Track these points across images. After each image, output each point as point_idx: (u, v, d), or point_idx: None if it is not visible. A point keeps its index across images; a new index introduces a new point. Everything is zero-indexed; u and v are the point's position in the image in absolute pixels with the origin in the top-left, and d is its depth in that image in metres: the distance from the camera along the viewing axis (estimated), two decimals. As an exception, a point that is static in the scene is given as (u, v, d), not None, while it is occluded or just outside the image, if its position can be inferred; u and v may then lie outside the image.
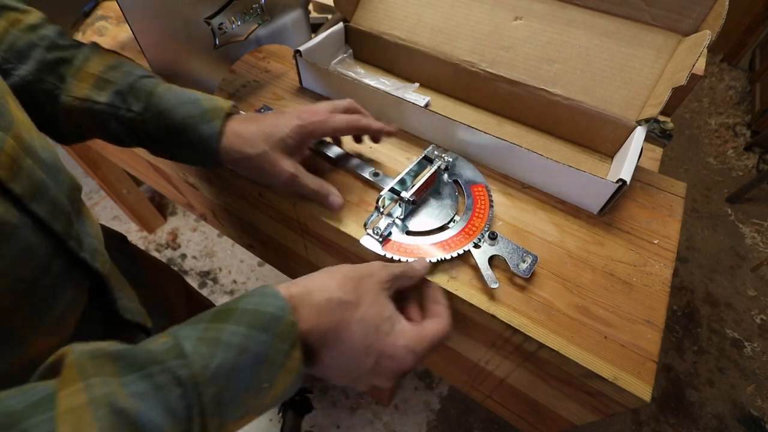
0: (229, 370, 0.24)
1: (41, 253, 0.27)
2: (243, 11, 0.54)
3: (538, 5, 0.54)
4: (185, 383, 0.23)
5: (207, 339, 0.25)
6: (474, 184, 0.47)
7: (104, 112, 0.39)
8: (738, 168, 1.91)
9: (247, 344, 0.25)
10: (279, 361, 0.26)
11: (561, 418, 0.49)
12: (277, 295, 0.28)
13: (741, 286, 1.52)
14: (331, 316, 0.29)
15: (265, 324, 0.26)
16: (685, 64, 0.44)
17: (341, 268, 0.32)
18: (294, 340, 0.27)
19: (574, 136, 0.56)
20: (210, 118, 0.40)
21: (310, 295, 0.29)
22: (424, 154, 0.47)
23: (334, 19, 0.65)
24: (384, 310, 0.32)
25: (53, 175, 0.29)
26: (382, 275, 0.33)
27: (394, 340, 0.31)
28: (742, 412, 1.25)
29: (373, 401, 1.23)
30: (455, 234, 0.43)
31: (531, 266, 0.40)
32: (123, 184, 1.33)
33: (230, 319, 0.26)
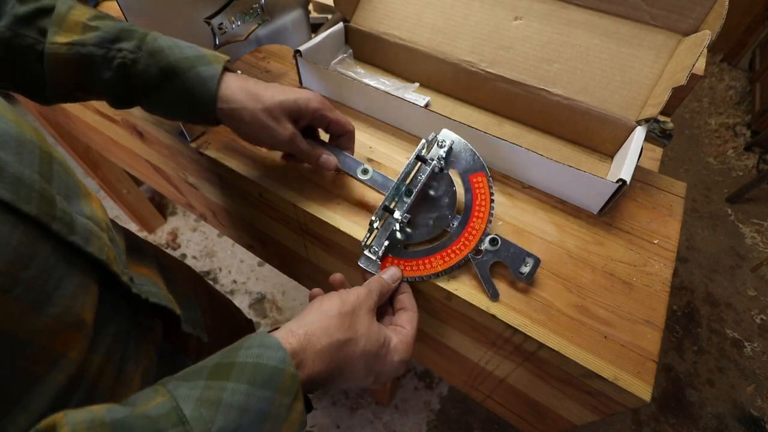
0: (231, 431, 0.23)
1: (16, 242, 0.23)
2: (243, 11, 0.54)
3: (538, 5, 0.54)
4: None
5: (207, 400, 0.24)
6: (472, 173, 0.43)
7: (92, 55, 0.36)
8: (738, 168, 1.91)
9: (248, 403, 0.24)
10: (282, 416, 0.26)
11: (561, 418, 0.49)
12: (278, 347, 0.27)
13: (741, 286, 1.52)
14: (335, 358, 0.30)
15: (266, 379, 0.26)
16: (685, 64, 0.44)
17: (333, 306, 0.33)
18: (296, 392, 0.27)
19: (574, 136, 0.56)
20: (208, 61, 0.38)
21: (311, 343, 0.29)
22: (416, 154, 0.43)
23: (334, 19, 0.65)
24: (379, 337, 0.33)
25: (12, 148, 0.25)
26: (369, 303, 0.35)
27: (390, 359, 0.34)
28: (742, 412, 1.25)
29: (373, 401, 1.23)
30: (455, 242, 0.41)
31: (533, 270, 0.39)
32: (123, 184, 1.33)
33: (230, 376, 0.25)
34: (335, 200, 0.48)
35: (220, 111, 0.39)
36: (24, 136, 0.26)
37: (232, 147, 0.53)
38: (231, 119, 0.40)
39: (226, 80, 0.39)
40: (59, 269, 0.26)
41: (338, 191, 0.49)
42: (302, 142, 0.42)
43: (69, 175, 0.30)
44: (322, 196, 0.48)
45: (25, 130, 0.27)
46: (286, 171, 0.51)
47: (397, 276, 0.40)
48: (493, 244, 0.40)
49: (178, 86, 0.37)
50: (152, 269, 0.43)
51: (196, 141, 0.54)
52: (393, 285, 0.39)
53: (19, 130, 0.26)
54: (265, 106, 0.39)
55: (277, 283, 1.46)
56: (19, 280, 0.23)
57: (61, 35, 0.35)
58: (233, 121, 0.40)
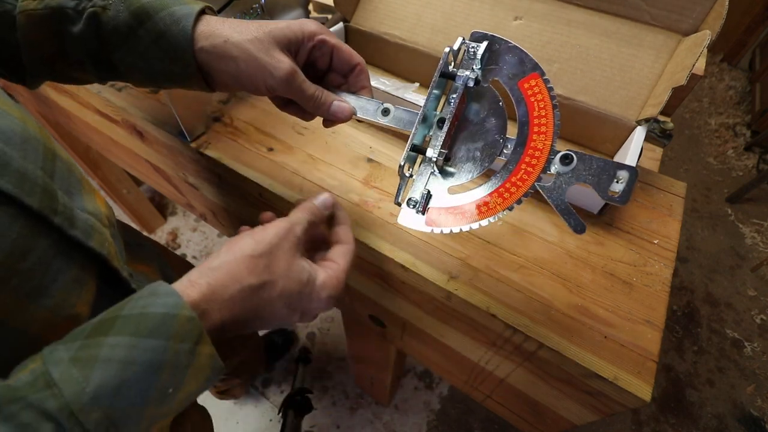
0: (114, 388, 0.21)
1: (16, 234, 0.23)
2: (243, 11, 0.54)
3: (538, 5, 0.54)
4: (55, 416, 0.20)
5: (81, 359, 0.22)
6: (522, 77, 0.32)
7: (63, 8, 0.33)
8: (738, 168, 1.91)
9: (132, 355, 0.22)
10: (182, 363, 0.24)
11: (561, 418, 0.49)
12: (170, 292, 0.25)
13: (741, 286, 1.52)
14: (249, 303, 0.28)
15: (153, 328, 0.23)
16: (685, 64, 0.44)
17: (245, 248, 0.29)
18: (197, 337, 0.24)
19: (574, 136, 0.56)
20: (184, 1, 0.34)
21: (216, 293, 0.27)
22: (440, 70, 0.33)
23: (334, 19, 0.65)
24: (301, 275, 0.31)
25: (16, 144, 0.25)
26: (291, 240, 0.31)
27: (317, 296, 0.32)
28: (742, 412, 1.25)
29: (373, 401, 1.23)
30: (514, 171, 0.31)
31: (629, 186, 0.28)
32: (123, 184, 1.33)
33: (110, 330, 0.23)
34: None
35: (200, 52, 0.33)
36: (28, 132, 0.27)
37: (232, 147, 0.53)
38: (216, 59, 0.33)
39: (204, 18, 0.34)
40: (57, 263, 0.26)
41: (339, 192, 0.49)
42: (306, 82, 0.35)
43: (72, 172, 0.30)
44: (322, 196, 0.48)
45: (29, 127, 0.27)
46: (286, 171, 0.51)
47: (329, 203, 0.36)
48: (566, 162, 0.30)
49: (150, 30, 0.33)
50: (152, 266, 0.43)
51: (196, 141, 0.54)
52: (325, 212, 0.36)
53: (23, 126, 0.26)
54: (253, 36, 0.33)
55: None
56: (15, 272, 0.24)
57: None
58: (219, 62, 0.33)
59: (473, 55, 0.33)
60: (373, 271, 0.49)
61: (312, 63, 0.38)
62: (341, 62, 0.37)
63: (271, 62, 0.33)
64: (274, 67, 0.33)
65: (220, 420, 1.20)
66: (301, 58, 0.36)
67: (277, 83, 0.33)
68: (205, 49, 0.33)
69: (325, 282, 0.32)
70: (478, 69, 0.33)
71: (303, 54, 0.36)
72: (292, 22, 0.35)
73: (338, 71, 0.39)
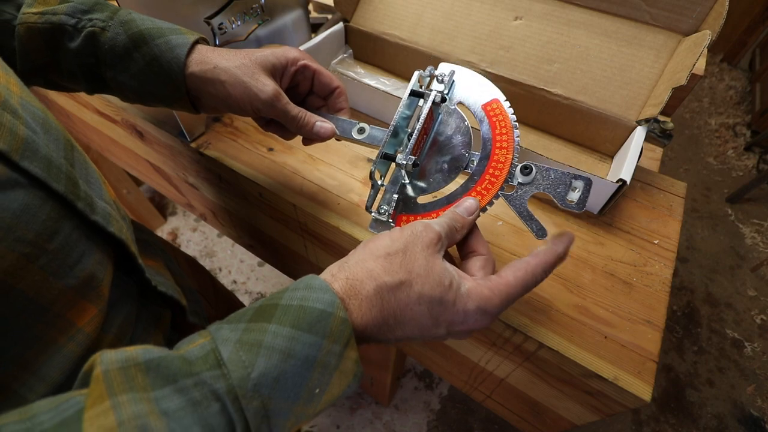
0: (273, 378, 0.22)
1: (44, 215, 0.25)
2: (243, 11, 0.54)
3: (538, 5, 0.54)
4: (223, 397, 0.21)
5: (247, 343, 0.22)
6: (484, 102, 0.37)
7: (63, 25, 0.35)
8: (738, 168, 1.91)
9: (292, 347, 0.23)
10: (332, 364, 0.24)
11: (561, 418, 0.49)
12: (325, 288, 0.25)
13: (741, 286, 1.52)
14: (386, 304, 0.27)
15: (312, 323, 0.23)
16: (685, 64, 0.44)
17: (380, 245, 0.28)
18: (347, 339, 0.24)
19: (574, 136, 0.56)
20: (181, 32, 0.36)
21: (355, 288, 0.26)
22: (411, 88, 0.37)
23: (334, 19, 0.65)
24: (443, 278, 0.28)
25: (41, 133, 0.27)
26: (427, 238, 0.29)
27: (462, 306, 0.28)
28: (742, 412, 1.25)
29: (373, 401, 1.23)
30: (479, 182, 0.34)
31: (584, 194, 0.31)
32: (123, 184, 1.33)
33: (272, 318, 0.23)
34: (335, 200, 0.48)
35: (191, 76, 0.36)
36: (50, 124, 0.29)
37: (232, 147, 0.53)
38: (205, 83, 0.36)
39: (198, 47, 0.36)
40: (81, 245, 0.28)
41: (338, 192, 0.49)
42: (289, 104, 0.37)
43: (87, 164, 0.32)
44: (322, 196, 0.48)
45: (51, 119, 0.29)
46: (286, 171, 0.51)
47: (474, 208, 0.33)
48: (526, 172, 0.33)
49: (145, 54, 0.35)
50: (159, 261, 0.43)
51: (196, 141, 0.54)
52: (469, 219, 0.32)
53: (45, 118, 0.28)
54: (240, 63, 0.36)
55: (277, 283, 1.46)
56: (44, 251, 0.25)
57: (35, 6, 0.35)
58: (208, 85, 0.36)
59: (441, 80, 0.38)
60: (373, 271, 0.49)
61: (294, 86, 0.41)
62: (322, 86, 0.40)
63: (257, 85, 0.35)
64: (260, 90, 0.35)
65: (220, 420, 1.19)
66: (284, 82, 0.39)
67: (263, 105, 0.36)
68: (195, 74, 0.35)
69: (472, 291, 0.28)
70: (445, 91, 0.37)
71: (286, 78, 0.39)
72: (276, 49, 0.38)
73: (319, 94, 0.41)
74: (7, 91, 0.26)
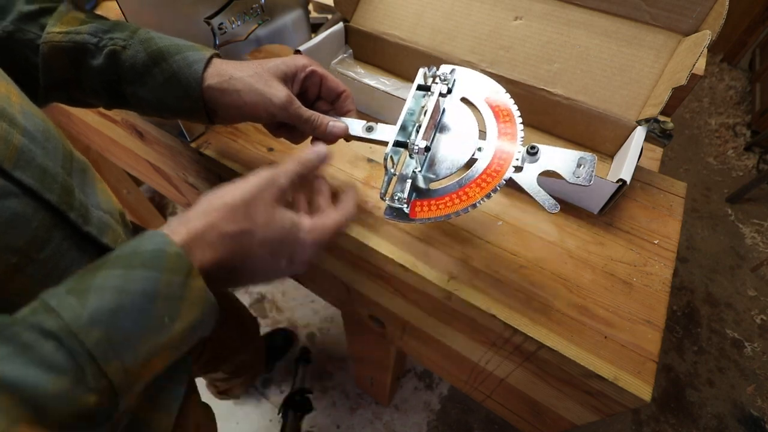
0: (110, 311, 0.22)
1: (36, 224, 0.25)
2: (243, 11, 0.54)
3: (538, 5, 0.54)
4: (56, 334, 0.21)
5: (75, 290, 0.23)
6: (486, 96, 0.40)
7: (85, 43, 0.37)
8: (738, 168, 1.91)
9: (125, 285, 0.23)
10: (176, 294, 0.25)
11: (561, 418, 0.49)
12: (156, 233, 0.26)
13: (741, 286, 1.52)
14: (229, 249, 0.29)
15: (144, 261, 0.24)
16: (685, 64, 0.44)
17: (222, 197, 0.30)
18: (187, 271, 0.25)
19: (574, 136, 0.56)
20: (197, 48, 0.38)
21: (198, 237, 0.28)
22: (417, 84, 0.39)
23: (334, 19, 0.65)
24: (284, 223, 0.31)
25: (40, 143, 0.27)
26: (271, 193, 0.31)
27: (302, 243, 0.32)
28: (742, 412, 1.25)
29: (373, 401, 1.23)
30: (488, 165, 0.36)
31: (590, 169, 0.34)
32: (123, 184, 1.32)
33: (102, 267, 0.24)
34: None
35: (208, 90, 0.37)
36: (50, 133, 0.29)
37: (232, 147, 0.53)
38: (222, 95, 0.38)
39: (213, 62, 0.38)
40: (72, 255, 0.28)
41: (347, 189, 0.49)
42: (301, 107, 0.39)
43: (86, 172, 0.33)
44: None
45: (51, 128, 0.30)
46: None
47: (323, 154, 0.37)
48: (532, 152, 0.35)
49: (164, 70, 0.37)
50: None
51: (196, 141, 0.54)
52: (317, 163, 0.36)
53: (46, 127, 0.29)
54: (253, 72, 0.38)
55: (277, 282, 1.46)
56: (32, 260, 0.26)
57: (58, 26, 0.37)
58: (224, 96, 0.38)
59: (443, 78, 0.40)
60: (373, 272, 0.49)
61: (304, 92, 0.43)
62: (329, 90, 0.42)
63: (271, 91, 0.38)
64: (274, 95, 0.37)
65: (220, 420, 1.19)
66: (295, 87, 0.41)
67: (277, 109, 0.38)
68: (212, 87, 0.37)
69: (310, 230, 0.33)
70: (446, 80, 0.40)
71: (297, 84, 0.41)
72: (285, 58, 0.40)
73: (326, 98, 0.43)
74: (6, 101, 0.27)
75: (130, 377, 0.23)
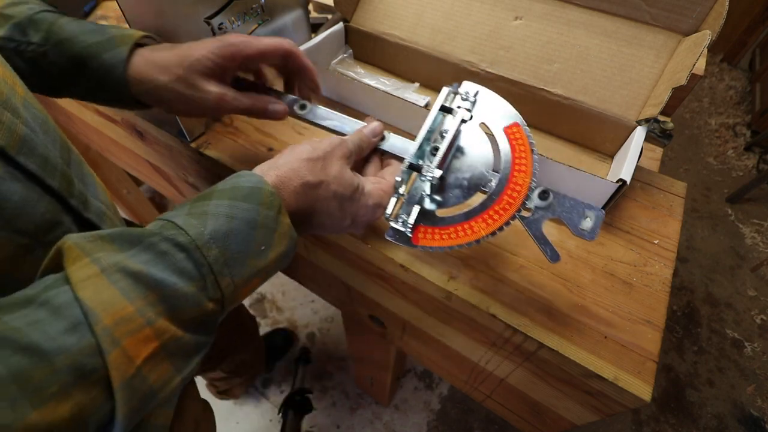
0: (224, 233, 0.26)
1: (43, 209, 0.27)
2: (243, 11, 0.54)
3: (538, 5, 0.54)
4: (187, 247, 0.24)
5: (194, 213, 0.26)
6: (505, 125, 0.38)
7: (5, 48, 0.36)
8: (738, 168, 1.91)
9: (233, 212, 0.27)
10: (270, 226, 0.28)
11: (561, 418, 0.49)
12: (252, 174, 0.30)
13: (741, 286, 1.52)
14: (308, 197, 0.32)
15: (245, 195, 0.28)
16: (685, 64, 0.44)
17: (304, 151, 0.33)
18: (279, 207, 0.29)
19: (574, 136, 0.56)
20: (115, 44, 0.36)
21: (284, 183, 0.31)
22: (441, 104, 0.38)
23: (334, 19, 0.65)
24: (352, 181, 0.35)
25: (40, 133, 0.28)
26: (342, 151, 0.35)
27: (365, 202, 0.35)
28: (742, 412, 1.25)
29: (373, 401, 1.23)
30: (497, 201, 0.35)
31: (596, 225, 0.32)
32: (123, 184, 1.32)
33: (211, 197, 0.27)
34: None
35: (138, 94, 0.37)
36: (49, 125, 0.30)
37: (232, 147, 0.53)
38: (153, 100, 0.38)
39: (133, 60, 0.36)
40: None
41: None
42: (236, 99, 0.38)
43: (83, 166, 0.34)
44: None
45: (49, 121, 0.31)
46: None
47: (378, 131, 0.40)
48: (543, 197, 0.34)
49: (89, 78, 0.37)
50: None
51: (196, 141, 0.54)
52: (374, 140, 0.40)
53: (46, 119, 0.30)
54: (176, 77, 0.36)
55: (277, 283, 1.46)
56: (41, 243, 0.27)
57: None
58: (157, 101, 0.38)
59: (465, 98, 0.39)
60: (373, 272, 0.49)
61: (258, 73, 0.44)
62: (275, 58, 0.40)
63: (199, 95, 0.37)
64: (203, 98, 0.37)
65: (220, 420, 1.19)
66: (228, 76, 0.39)
67: (212, 110, 0.38)
68: (140, 93, 0.37)
69: (371, 191, 0.36)
70: (469, 105, 0.39)
71: (230, 73, 0.39)
72: (213, 47, 0.37)
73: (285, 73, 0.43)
74: (11, 91, 0.27)
75: (236, 293, 0.27)
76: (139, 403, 0.21)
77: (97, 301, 0.20)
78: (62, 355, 0.18)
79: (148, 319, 0.21)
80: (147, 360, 0.21)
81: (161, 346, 0.22)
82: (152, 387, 0.22)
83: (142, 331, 0.21)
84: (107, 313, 0.20)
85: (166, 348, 0.22)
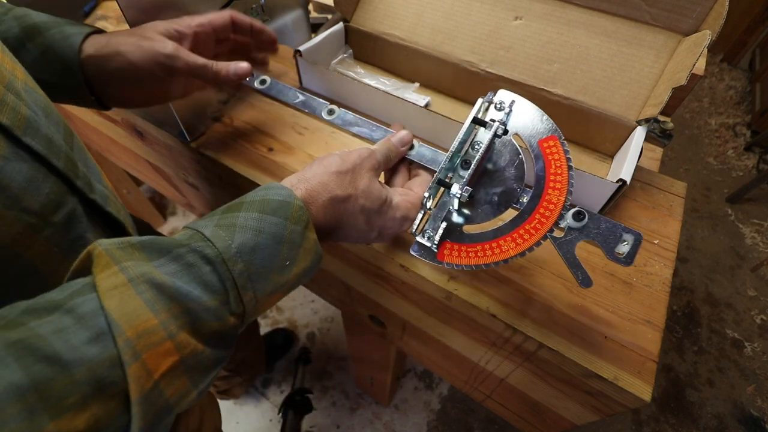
0: (250, 248, 0.26)
1: (48, 189, 0.27)
2: (243, 11, 0.54)
3: (538, 5, 0.54)
4: (213, 260, 0.24)
5: (223, 225, 0.26)
6: (541, 137, 0.35)
7: None
8: (738, 168, 1.91)
9: (261, 226, 0.27)
10: (296, 241, 0.28)
11: (561, 418, 0.49)
12: (282, 187, 0.30)
13: (741, 286, 1.52)
14: (336, 212, 0.32)
15: (274, 209, 0.28)
16: (685, 64, 0.44)
17: (332, 164, 0.33)
18: (306, 222, 0.29)
19: (574, 136, 0.56)
20: (79, 25, 0.37)
21: (312, 197, 0.31)
22: (473, 115, 0.36)
23: (334, 19, 0.65)
24: (380, 194, 0.34)
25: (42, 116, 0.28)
26: (371, 163, 0.35)
27: (392, 214, 0.35)
28: (742, 412, 1.25)
29: (373, 401, 1.23)
30: (528, 220, 0.33)
31: (633, 250, 0.30)
32: (123, 184, 1.32)
33: (240, 209, 0.27)
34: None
35: (89, 61, 0.36)
36: (52, 109, 0.30)
37: (232, 147, 0.53)
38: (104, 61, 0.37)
39: (94, 35, 0.37)
40: (84, 222, 0.30)
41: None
42: (192, 55, 0.39)
43: (86, 151, 0.34)
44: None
45: (51, 106, 0.31)
46: (286, 171, 0.51)
47: (407, 140, 0.40)
48: (578, 218, 0.32)
49: (39, 44, 0.35)
50: None
51: (196, 141, 0.54)
52: (402, 149, 0.39)
53: (47, 103, 0.30)
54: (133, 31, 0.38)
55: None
56: (48, 223, 0.27)
57: None
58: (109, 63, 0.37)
59: (500, 107, 0.36)
60: (373, 272, 0.49)
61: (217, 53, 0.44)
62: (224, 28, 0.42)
63: (157, 43, 0.37)
64: (161, 45, 0.37)
65: (220, 420, 1.20)
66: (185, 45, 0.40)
67: (167, 59, 0.37)
68: (92, 56, 0.36)
69: (399, 204, 0.36)
70: (505, 114, 0.36)
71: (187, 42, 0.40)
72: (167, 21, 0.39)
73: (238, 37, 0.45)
74: (12, 76, 0.27)
75: (257, 307, 0.27)
76: (155, 417, 0.21)
77: (122, 312, 0.20)
78: (83, 366, 0.18)
79: (170, 333, 0.21)
80: (165, 374, 0.21)
81: (181, 360, 0.22)
82: (168, 401, 0.21)
83: (164, 345, 0.21)
84: (130, 325, 0.20)
85: (185, 362, 0.22)
